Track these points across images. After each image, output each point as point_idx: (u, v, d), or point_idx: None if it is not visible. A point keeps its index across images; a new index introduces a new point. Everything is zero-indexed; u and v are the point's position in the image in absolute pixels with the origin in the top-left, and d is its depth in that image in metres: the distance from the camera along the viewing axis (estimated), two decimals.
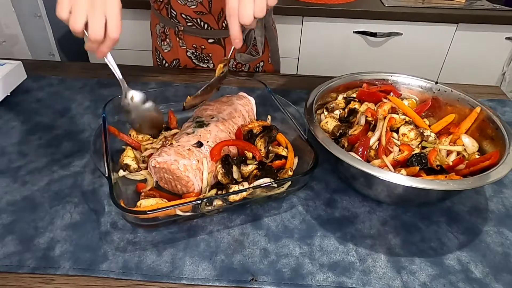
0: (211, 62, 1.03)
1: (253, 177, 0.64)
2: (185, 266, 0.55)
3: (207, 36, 0.97)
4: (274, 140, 0.72)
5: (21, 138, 0.77)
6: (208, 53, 1.00)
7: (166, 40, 1.02)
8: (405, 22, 1.64)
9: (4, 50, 1.75)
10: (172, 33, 0.99)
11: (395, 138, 0.70)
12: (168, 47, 1.03)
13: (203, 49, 0.99)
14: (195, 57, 1.02)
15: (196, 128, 0.70)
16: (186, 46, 1.00)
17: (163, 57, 1.06)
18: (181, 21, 0.95)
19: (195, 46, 0.99)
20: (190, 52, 1.01)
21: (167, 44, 1.02)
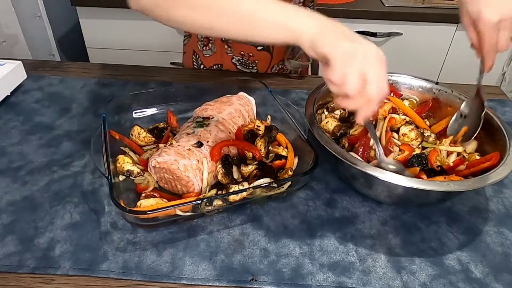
0: (255, 69, 1.02)
1: (253, 177, 0.64)
2: (185, 266, 0.55)
3: (257, 44, 0.97)
4: (274, 140, 0.72)
5: (21, 138, 0.77)
6: (254, 60, 1.00)
7: (208, 45, 1.00)
8: (405, 22, 1.64)
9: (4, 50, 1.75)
10: (218, 40, 0.98)
11: (395, 138, 0.70)
12: (210, 52, 1.02)
13: (250, 56, 0.99)
14: (240, 64, 1.01)
15: (196, 128, 0.70)
16: (233, 53, 0.99)
17: (202, 61, 1.05)
18: None
19: (242, 54, 0.98)
20: (236, 59, 1.00)
21: (209, 49, 1.01)
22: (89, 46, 1.80)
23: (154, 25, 1.70)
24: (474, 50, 0.67)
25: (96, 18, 1.70)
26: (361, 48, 0.48)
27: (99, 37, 1.75)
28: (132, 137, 0.73)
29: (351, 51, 0.47)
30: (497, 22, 0.60)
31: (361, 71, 0.47)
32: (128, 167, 0.66)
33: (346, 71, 0.47)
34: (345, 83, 0.48)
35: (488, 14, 0.60)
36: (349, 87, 0.48)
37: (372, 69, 0.48)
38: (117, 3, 1.63)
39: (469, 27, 0.64)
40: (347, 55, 0.47)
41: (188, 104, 0.82)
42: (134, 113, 0.80)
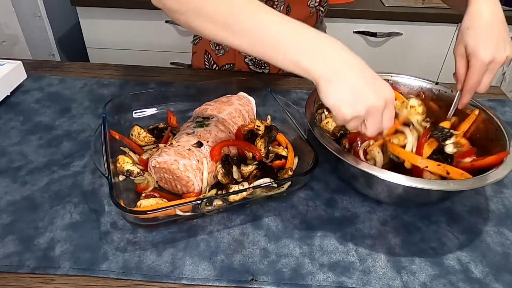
0: (268, 68, 1.03)
1: (253, 177, 0.64)
2: (185, 266, 0.55)
3: None
4: (274, 140, 0.72)
5: (21, 138, 0.77)
6: None
7: (221, 44, 1.01)
8: (405, 22, 1.64)
9: (4, 50, 1.75)
10: None
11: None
12: (222, 51, 1.02)
13: None
14: (253, 63, 1.02)
15: (196, 128, 0.70)
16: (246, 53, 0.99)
17: (215, 60, 1.05)
18: None
19: None
20: (248, 58, 1.00)
21: (221, 48, 1.01)
22: (89, 46, 1.80)
23: (154, 25, 1.71)
24: (455, 80, 0.69)
25: (96, 18, 1.70)
26: (367, 101, 0.49)
27: (99, 37, 1.75)
28: (132, 137, 0.73)
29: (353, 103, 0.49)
30: (487, 63, 0.62)
31: (365, 116, 0.50)
32: (128, 167, 0.66)
33: (345, 122, 0.51)
34: (346, 124, 0.52)
35: (484, 53, 0.61)
36: (350, 127, 0.53)
37: (372, 118, 0.51)
38: (117, 3, 1.63)
39: (460, 58, 0.66)
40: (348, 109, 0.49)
41: (188, 104, 0.82)
42: (134, 113, 0.80)
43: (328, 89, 0.49)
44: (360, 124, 0.52)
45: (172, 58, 1.77)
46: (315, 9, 0.94)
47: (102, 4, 1.64)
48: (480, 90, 0.66)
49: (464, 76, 0.66)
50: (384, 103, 0.50)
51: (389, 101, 0.51)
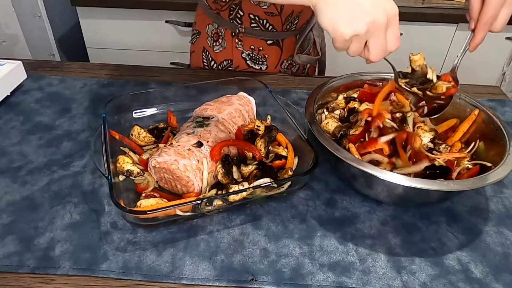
0: (265, 64, 1.02)
1: (253, 177, 0.64)
2: (185, 266, 0.55)
3: (267, 37, 0.97)
4: (274, 140, 0.72)
5: (21, 138, 0.77)
6: (264, 54, 1.00)
7: (218, 40, 1.01)
8: (405, 22, 1.64)
9: (4, 50, 1.75)
10: (228, 34, 0.98)
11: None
12: (220, 47, 1.02)
13: (260, 50, 0.99)
14: (250, 59, 1.02)
15: (196, 128, 0.70)
16: (243, 47, 0.99)
17: (213, 57, 1.05)
18: (244, 22, 0.95)
19: (252, 48, 0.99)
20: (246, 53, 1.00)
21: (219, 44, 1.01)
22: (89, 46, 1.80)
23: (154, 25, 1.71)
24: (468, 19, 0.63)
25: (96, 18, 1.70)
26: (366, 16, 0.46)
27: (99, 37, 1.75)
28: (132, 137, 0.73)
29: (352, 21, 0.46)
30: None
31: (367, 34, 0.47)
32: (128, 167, 0.66)
33: (345, 44, 0.48)
34: (347, 47, 0.49)
35: None
36: (351, 51, 0.49)
37: (375, 37, 0.47)
38: (117, 3, 1.63)
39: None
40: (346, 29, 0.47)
41: (188, 104, 0.82)
42: (134, 113, 0.80)
43: (324, 9, 0.46)
44: (363, 47, 0.48)
45: (172, 58, 1.77)
46: None
47: (102, 4, 1.64)
48: (495, 27, 0.60)
49: (479, 11, 0.60)
50: (387, 19, 0.46)
51: (392, 17, 0.47)
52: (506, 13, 0.58)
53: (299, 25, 0.97)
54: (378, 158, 0.66)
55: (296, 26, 0.96)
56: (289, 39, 0.99)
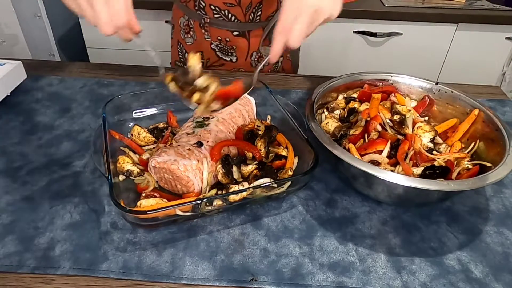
0: (235, 55, 1.03)
1: (253, 177, 0.64)
2: (185, 266, 0.55)
3: (232, 28, 0.98)
4: (274, 140, 0.72)
5: (21, 138, 0.77)
6: (232, 45, 1.01)
7: (190, 32, 1.03)
8: (405, 22, 1.64)
9: (4, 50, 1.75)
10: (196, 25, 1.00)
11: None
12: (191, 40, 1.04)
13: (227, 42, 1.00)
14: (219, 50, 1.03)
15: (196, 128, 0.70)
16: (210, 38, 1.00)
17: (186, 50, 1.07)
18: (208, 13, 0.96)
19: (219, 39, 1.00)
20: (214, 44, 1.02)
21: (190, 36, 1.03)
22: (89, 46, 1.80)
23: (154, 25, 1.70)
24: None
25: None
26: None
27: (99, 37, 1.75)
28: (132, 137, 0.73)
29: None
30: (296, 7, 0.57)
31: None
32: (128, 167, 0.66)
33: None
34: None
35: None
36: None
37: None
38: None
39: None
40: None
41: None
42: (134, 113, 0.80)
43: None
44: None
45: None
46: None
47: None
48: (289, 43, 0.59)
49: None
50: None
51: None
52: (298, 28, 0.58)
53: (264, 16, 0.98)
54: (378, 158, 0.66)
55: (261, 17, 0.97)
56: (256, 31, 1.00)
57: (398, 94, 0.80)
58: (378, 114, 0.72)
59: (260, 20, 0.98)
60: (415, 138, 0.68)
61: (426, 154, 0.67)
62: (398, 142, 0.67)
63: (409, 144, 0.67)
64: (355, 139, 0.70)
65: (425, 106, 0.79)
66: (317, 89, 0.76)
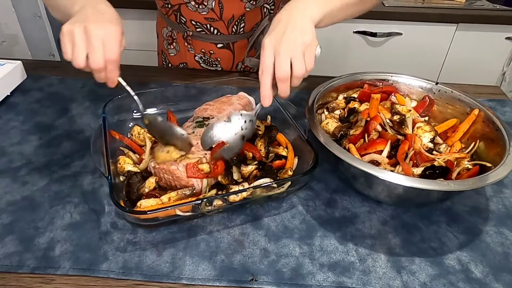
0: (219, 66, 1.02)
1: (253, 177, 0.64)
2: (185, 266, 0.55)
3: (216, 41, 0.97)
4: (274, 140, 0.72)
5: (21, 138, 0.77)
6: (216, 57, 1.00)
7: (173, 43, 1.01)
8: (405, 22, 1.64)
9: (4, 50, 1.75)
10: (180, 37, 0.99)
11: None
12: (174, 51, 1.02)
13: (211, 54, 0.99)
14: (203, 61, 1.01)
15: (196, 128, 0.70)
16: (194, 50, 0.99)
17: (169, 60, 1.06)
18: (190, 27, 0.95)
19: (203, 51, 0.99)
20: (198, 56, 1.00)
21: (173, 48, 1.02)
22: None
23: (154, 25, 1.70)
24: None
25: None
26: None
27: None
28: (132, 137, 0.73)
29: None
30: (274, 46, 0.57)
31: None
32: (128, 168, 0.66)
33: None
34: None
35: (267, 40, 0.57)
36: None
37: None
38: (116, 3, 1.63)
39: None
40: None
41: (188, 104, 0.82)
42: (134, 113, 0.80)
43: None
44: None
45: None
46: (251, 4, 0.90)
47: None
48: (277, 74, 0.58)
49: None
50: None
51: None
52: (301, 61, 0.58)
53: (248, 28, 0.96)
54: (378, 158, 0.66)
55: (244, 29, 0.95)
56: (240, 42, 0.98)
57: (398, 94, 0.80)
58: (378, 114, 0.72)
59: (244, 32, 0.96)
60: (415, 138, 0.68)
61: (426, 154, 0.67)
62: (398, 142, 0.67)
63: (409, 144, 0.67)
64: (355, 139, 0.70)
65: (425, 106, 0.79)
66: (317, 89, 0.76)
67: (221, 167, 0.63)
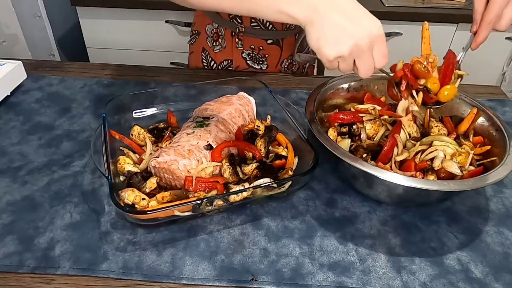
0: (266, 63, 1.03)
1: (254, 177, 0.64)
2: (185, 266, 0.55)
3: (267, 37, 0.98)
4: (274, 140, 0.72)
5: (21, 138, 0.77)
6: (264, 54, 1.01)
7: (218, 40, 1.01)
8: (405, 22, 1.64)
9: (4, 50, 1.75)
10: (228, 33, 0.99)
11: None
12: (220, 48, 1.02)
13: (260, 50, 1.00)
14: (250, 58, 1.02)
15: (196, 128, 0.70)
16: (243, 47, 0.99)
17: (212, 57, 1.05)
18: (244, 21, 0.95)
19: (252, 47, 0.99)
20: (246, 53, 1.01)
21: (219, 44, 1.01)
22: (89, 46, 1.80)
23: (154, 25, 1.71)
24: (472, 21, 0.63)
25: (96, 18, 1.70)
26: (352, 32, 0.49)
27: (99, 37, 1.75)
28: (132, 137, 0.73)
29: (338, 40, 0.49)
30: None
31: (351, 55, 0.49)
32: (128, 168, 0.66)
33: (332, 64, 0.50)
34: (336, 66, 0.51)
35: None
36: (341, 69, 0.51)
37: (360, 57, 0.49)
38: (117, 3, 1.63)
39: None
40: (334, 44, 0.49)
41: (188, 104, 0.82)
42: (134, 113, 0.80)
43: (310, 31, 0.49)
44: (353, 65, 0.51)
45: (172, 58, 1.77)
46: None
47: (102, 4, 1.64)
48: (501, 26, 0.61)
49: (482, 12, 0.61)
50: (370, 41, 0.48)
51: (376, 38, 0.49)
52: (509, 12, 0.59)
53: None
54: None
55: (296, 25, 0.96)
56: (288, 38, 1.00)
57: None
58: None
59: (295, 28, 0.98)
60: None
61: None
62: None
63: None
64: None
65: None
66: (317, 89, 0.76)
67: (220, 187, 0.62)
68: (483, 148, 0.68)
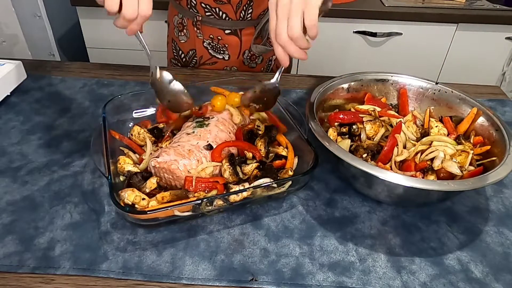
0: (227, 53, 1.04)
1: (254, 177, 0.64)
2: (185, 266, 0.55)
3: (224, 26, 0.99)
4: (274, 140, 0.72)
5: (21, 138, 0.77)
6: (224, 43, 1.02)
7: (183, 30, 1.04)
8: (405, 22, 1.64)
9: (4, 50, 1.75)
10: (190, 23, 1.01)
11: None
12: (185, 38, 1.05)
13: (219, 40, 1.01)
14: (211, 48, 1.04)
15: (196, 128, 0.70)
16: (203, 36, 1.02)
17: (180, 47, 1.08)
18: (200, 11, 0.98)
19: (211, 37, 1.01)
20: (206, 42, 1.03)
21: (184, 34, 1.04)
22: (89, 46, 1.80)
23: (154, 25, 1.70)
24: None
25: (96, 18, 1.70)
26: None
27: (99, 37, 1.75)
28: (132, 137, 0.73)
29: None
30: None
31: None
32: (128, 168, 0.66)
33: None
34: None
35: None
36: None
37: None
38: None
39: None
40: None
41: None
42: (134, 113, 0.80)
43: None
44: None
45: None
46: None
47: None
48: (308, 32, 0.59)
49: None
50: None
51: None
52: (296, 21, 0.57)
53: (255, 15, 0.98)
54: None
55: (252, 16, 0.98)
56: (248, 29, 1.01)
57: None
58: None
59: (252, 19, 0.99)
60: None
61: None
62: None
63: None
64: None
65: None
66: (317, 89, 0.76)
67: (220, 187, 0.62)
68: (483, 148, 0.69)
